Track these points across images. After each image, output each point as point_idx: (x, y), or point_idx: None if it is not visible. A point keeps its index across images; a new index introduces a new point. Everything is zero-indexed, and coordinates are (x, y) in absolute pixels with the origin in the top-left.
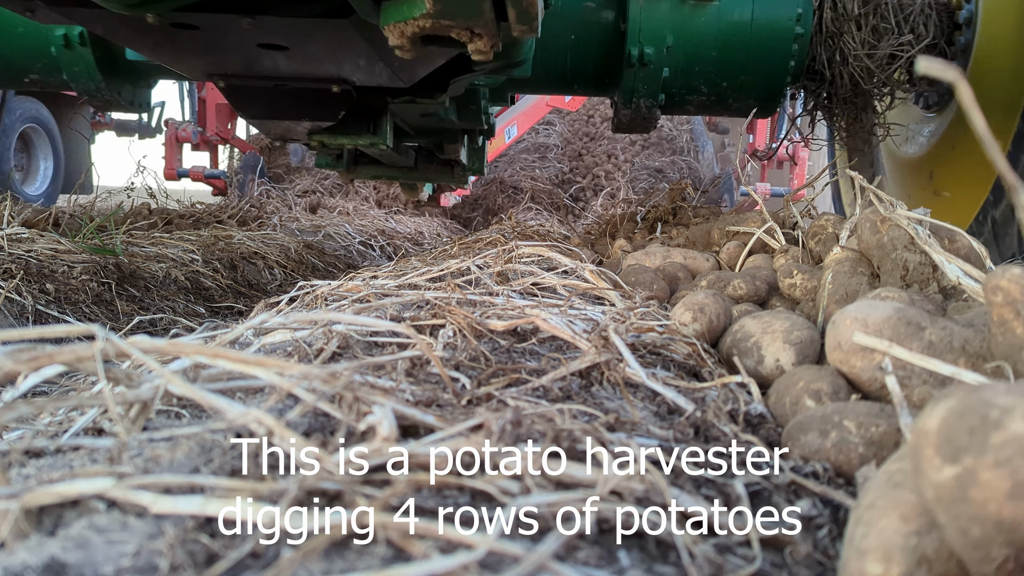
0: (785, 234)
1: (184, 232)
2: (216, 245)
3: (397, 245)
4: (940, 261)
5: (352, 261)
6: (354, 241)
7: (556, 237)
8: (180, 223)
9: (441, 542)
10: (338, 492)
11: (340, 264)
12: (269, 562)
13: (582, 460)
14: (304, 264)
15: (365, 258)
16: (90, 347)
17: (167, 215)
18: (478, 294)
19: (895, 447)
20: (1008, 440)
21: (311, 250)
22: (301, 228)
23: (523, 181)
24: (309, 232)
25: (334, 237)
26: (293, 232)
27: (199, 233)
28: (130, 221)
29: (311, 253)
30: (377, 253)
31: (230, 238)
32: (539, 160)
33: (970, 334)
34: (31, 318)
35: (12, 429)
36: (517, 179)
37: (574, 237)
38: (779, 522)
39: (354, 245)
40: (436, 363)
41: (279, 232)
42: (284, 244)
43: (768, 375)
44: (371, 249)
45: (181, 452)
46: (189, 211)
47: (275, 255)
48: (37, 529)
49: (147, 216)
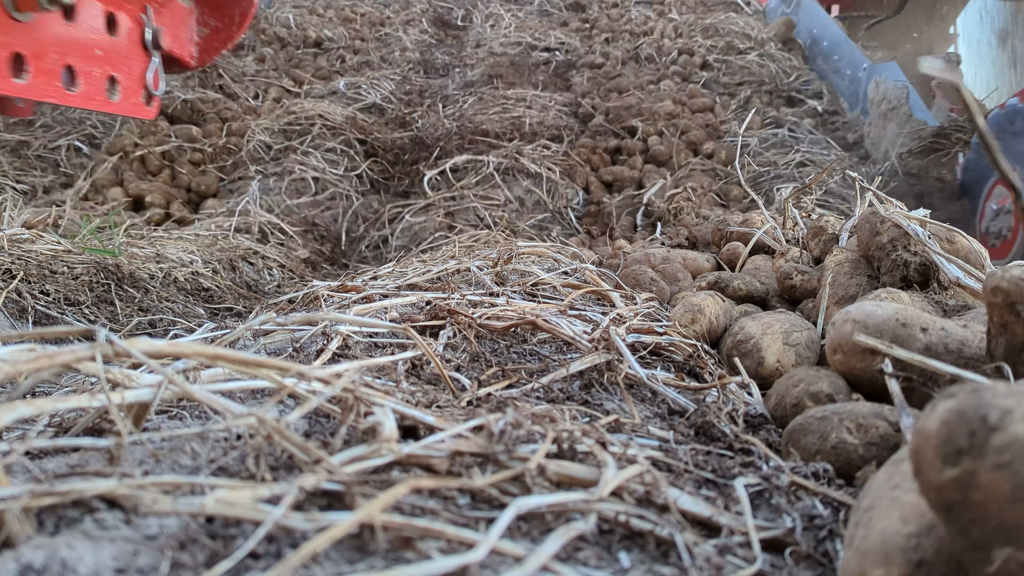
0: (785, 234)
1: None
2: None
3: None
4: (940, 262)
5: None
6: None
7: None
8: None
9: (442, 542)
10: (339, 492)
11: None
12: (270, 563)
13: (583, 461)
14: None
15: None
16: (90, 348)
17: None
18: (478, 295)
19: (895, 448)
20: (1008, 442)
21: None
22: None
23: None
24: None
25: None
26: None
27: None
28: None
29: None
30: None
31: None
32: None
33: (969, 335)
34: (31, 319)
35: (12, 429)
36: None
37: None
38: (779, 523)
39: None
40: (436, 364)
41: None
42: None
43: (768, 376)
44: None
45: (182, 452)
46: None
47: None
48: (38, 529)
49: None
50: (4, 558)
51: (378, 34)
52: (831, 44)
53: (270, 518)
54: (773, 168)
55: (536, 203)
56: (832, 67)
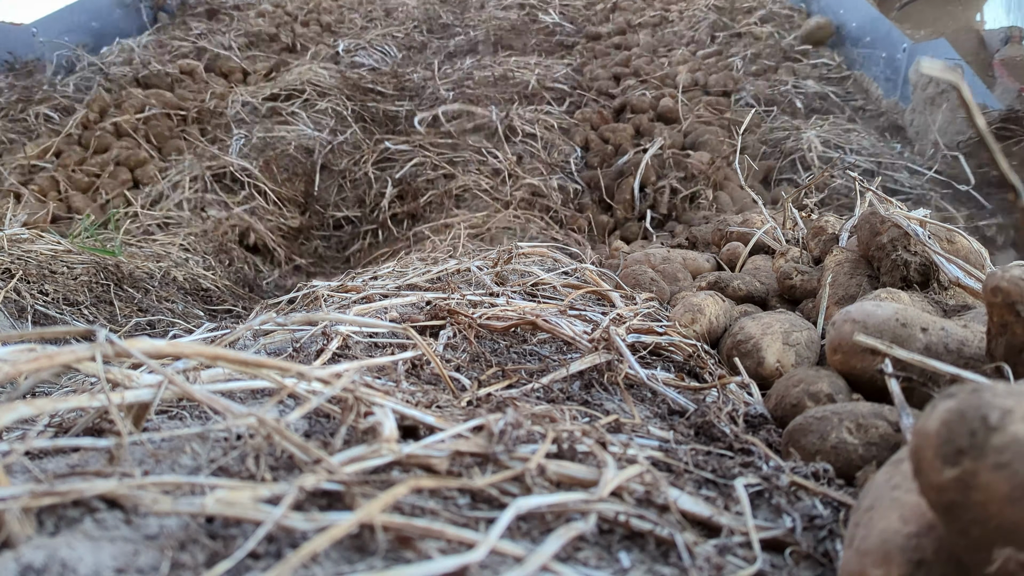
0: (785, 234)
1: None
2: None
3: None
4: (940, 262)
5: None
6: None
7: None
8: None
9: (442, 542)
10: (339, 492)
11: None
12: (270, 563)
13: (583, 461)
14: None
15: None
16: (90, 348)
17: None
18: (478, 295)
19: (895, 448)
20: (1008, 442)
21: None
22: None
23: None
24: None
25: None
26: None
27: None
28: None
29: None
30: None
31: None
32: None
33: (969, 335)
34: (30, 319)
35: (12, 429)
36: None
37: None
38: (779, 523)
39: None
40: (436, 364)
41: None
42: None
43: (768, 376)
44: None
45: (182, 452)
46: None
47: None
48: (39, 529)
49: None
50: (4, 558)
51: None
52: (860, 25)
53: (270, 518)
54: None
55: (533, 156)
56: (863, 50)
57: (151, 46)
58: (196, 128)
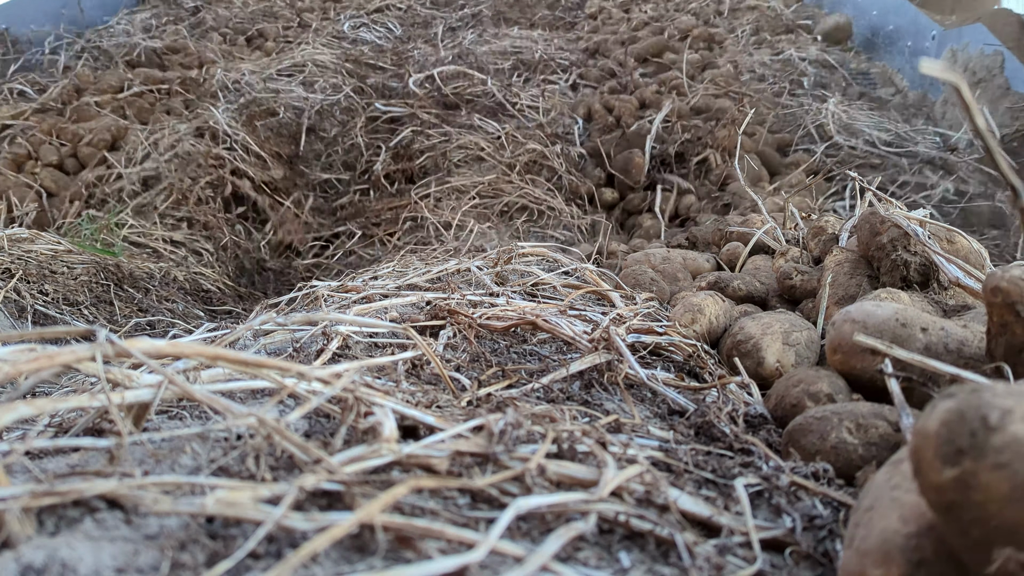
0: (785, 234)
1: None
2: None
3: None
4: (940, 262)
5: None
6: None
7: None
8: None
9: (442, 542)
10: (339, 492)
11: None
12: (270, 563)
13: (583, 461)
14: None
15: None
16: (90, 348)
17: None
18: (478, 295)
19: (895, 448)
20: (1008, 442)
21: None
22: None
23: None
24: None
25: None
26: None
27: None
28: None
29: None
30: None
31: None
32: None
33: (969, 335)
34: (30, 318)
35: (12, 429)
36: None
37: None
38: (779, 523)
39: None
40: (436, 364)
41: None
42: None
43: (768, 376)
44: None
45: (182, 452)
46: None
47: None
48: (39, 529)
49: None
50: (4, 558)
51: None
52: (882, 12)
53: (270, 518)
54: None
55: (537, 126)
56: (884, 39)
57: (139, 24)
58: (180, 100)
